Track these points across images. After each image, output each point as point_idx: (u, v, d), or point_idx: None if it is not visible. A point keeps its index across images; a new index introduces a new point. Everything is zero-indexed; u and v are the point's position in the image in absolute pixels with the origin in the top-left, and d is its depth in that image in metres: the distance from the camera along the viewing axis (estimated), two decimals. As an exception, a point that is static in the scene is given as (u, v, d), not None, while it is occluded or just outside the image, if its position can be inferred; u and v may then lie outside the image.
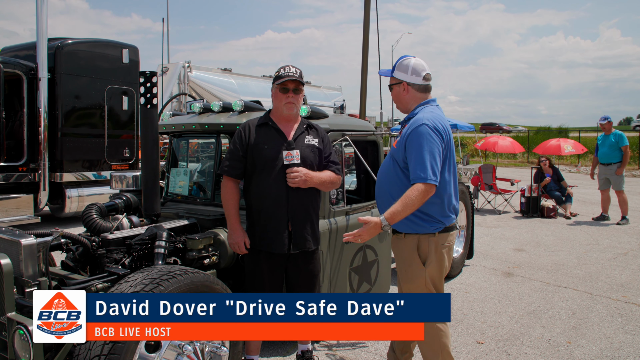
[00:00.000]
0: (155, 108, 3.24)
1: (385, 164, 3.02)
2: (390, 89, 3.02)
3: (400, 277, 2.97)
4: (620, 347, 3.92)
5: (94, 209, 3.52)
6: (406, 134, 2.82)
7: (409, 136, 2.78)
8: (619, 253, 7.03)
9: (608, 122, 9.45)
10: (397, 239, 2.96)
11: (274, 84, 3.09)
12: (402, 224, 2.83)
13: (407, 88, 2.94)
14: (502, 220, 9.82)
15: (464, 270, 5.99)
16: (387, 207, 2.73)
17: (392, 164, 2.92)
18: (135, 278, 2.41)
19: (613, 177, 9.20)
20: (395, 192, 2.81)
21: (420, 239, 2.86)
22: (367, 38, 11.17)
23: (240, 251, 3.08)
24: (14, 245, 2.54)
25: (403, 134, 2.87)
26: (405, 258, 2.90)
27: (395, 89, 2.98)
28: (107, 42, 9.67)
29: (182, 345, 2.43)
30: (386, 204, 2.81)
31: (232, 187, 3.10)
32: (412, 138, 2.76)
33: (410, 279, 2.89)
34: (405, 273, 2.91)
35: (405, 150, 2.80)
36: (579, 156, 24.28)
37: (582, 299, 5.05)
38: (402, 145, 2.83)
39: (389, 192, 2.89)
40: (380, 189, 3.02)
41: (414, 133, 2.75)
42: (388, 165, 2.96)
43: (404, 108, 3.00)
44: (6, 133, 8.23)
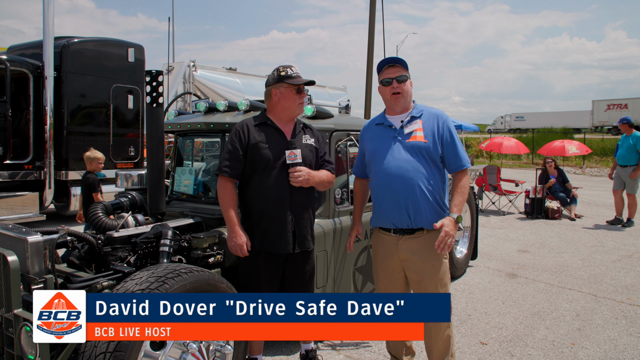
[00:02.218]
0: (160, 107, 3.25)
1: (411, 161, 2.90)
2: (403, 80, 2.96)
3: (425, 274, 2.92)
4: (624, 349, 3.91)
5: (100, 207, 3.54)
6: (439, 126, 2.93)
7: (443, 129, 2.94)
8: (624, 255, 7.00)
9: (622, 124, 9.25)
10: (414, 238, 2.94)
11: (283, 83, 3.04)
12: (431, 221, 2.87)
13: (411, 84, 3.05)
14: (507, 221, 9.80)
15: (468, 271, 5.98)
16: (416, 203, 2.88)
17: (421, 160, 2.89)
18: (140, 276, 2.42)
19: (628, 180, 9.02)
20: (433, 188, 2.90)
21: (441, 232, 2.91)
22: (372, 38, 11.16)
23: (241, 254, 3.00)
24: (21, 242, 2.56)
25: (432, 127, 2.92)
26: (432, 252, 2.88)
27: (408, 82, 3.00)
28: (113, 41, 9.72)
29: (187, 344, 2.44)
30: (417, 201, 2.88)
31: (231, 188, 3.04)
32: (448, 130, 2.95)
33: (439, 272, 2.91)
34: (433, 268, 2.91)
35: (441, 144, 2.92)
36: (584, 157, 24.17)
37: (587, 300, 5.03)
38: (439, 139, 2.92)
39: (422, 189, 2.88)
40: (407, 185, 2.89)
41: (448, 124, 2.96)
42: (417, 162, 2.89)
43: (407, 104, 3.02)
44: (12, 131, 8.28)
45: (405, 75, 2.98)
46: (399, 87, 2.96)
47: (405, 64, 3.01)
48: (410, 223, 2.92)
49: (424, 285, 2.94)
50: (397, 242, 2.99)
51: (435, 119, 2.95)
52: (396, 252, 3.00)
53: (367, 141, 3.13)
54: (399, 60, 3.02)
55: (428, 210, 2.90)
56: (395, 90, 2.96)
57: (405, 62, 3.01)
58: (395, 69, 2.98)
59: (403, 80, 2.96)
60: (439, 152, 2.92)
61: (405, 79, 2.97)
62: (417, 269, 2.95)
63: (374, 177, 3.05)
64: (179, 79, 12.83)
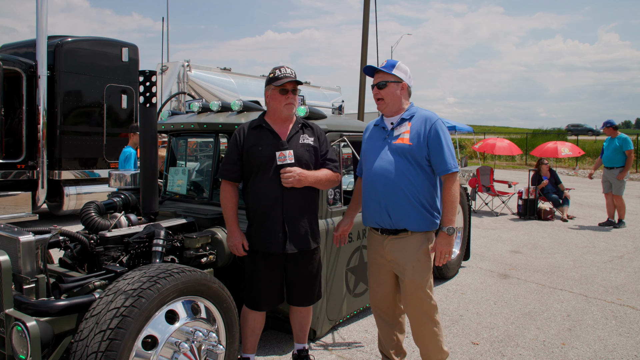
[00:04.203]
0: (154, 107, 3.25)
1: (393, 163, 2.93)
2: (383, 86, 2.99)
3: (406, 274, 2.94)
4: (614, 349, 3.95)
5: (92, 207, 3.54)
6: (426, 129, 2.90)
7: (432, 132, 2.89)
8: (615, 256, 7.06)
9: (606, 128, 9.37)
10: (398, 239, 2.97)
11: (270, 86, 3.08)
12: (417, 223, 2.91)
13: (404, 88, 3.03)
14: (499, 222, 9.85)
15: (460, 272, 6.01)
16: (396, 204, 2.89)
17: (405, 162, 2.90)
18: (132, 276, 2.42)
19: (614, 181, 9.12)
20: (417, 190, 2.90)
21: (427, 235, 2.96)
22: (366, 39, 11.19)
23: (238, 253, 3.11)
24: (13, 242, 2.55)
25: (419, 130, 2.90)
26: (413, 253, 2.93)
27: (392, 87, 2.99)
28: (107, 41, 9.68)
29: (179, 343, 2.44)
30: (398, 202, 2.90)
31: (229, 190, 3.13)
32: (435, 133, 2.89)
33: (420, 273, 2.93)
34: (413, 269, 2.92)
35: (427, 147, 2.89)
36: (577, 159, 24.32)
37: (577, 301, 5.07)
38: (424, 141, 2.89)
39: (403, 190, 2.89)
40: (388, 186, 2.92)
41: (437, 127, 2.90)
42: (400, 164, 2.91)
43: (397, 108, 3.02)
44: (5, 130, 8.25)
45: (385, 81, 2.99)
46: (379, 93, 3.02)
47: (389, 67, 3.00)
48: (391, 223, 2.97)
49: (404, 286, 2.98)
50: (383, 242, 3.05)
51: (424, 122, 2.94)
52: (383, 252, 3.06)
53: (364, 141, 3.20)
54: (371, 70, 3.06)
55: (410, 212, 2.91)
56: (376, 96, 3.04)
57: (389, 67, 3.00)
58: (379, 74, 3.03)
59: (382, 86, 2.99)
60: (424, 155, 2.90)
61: (385, 84, 2.99)
62: (399, 270, 3.00)
63: (363, 177, 3.13)
64: (173, 79, 12.80)
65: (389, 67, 3.00)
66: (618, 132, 9.30)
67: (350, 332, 4.13)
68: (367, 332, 4.12)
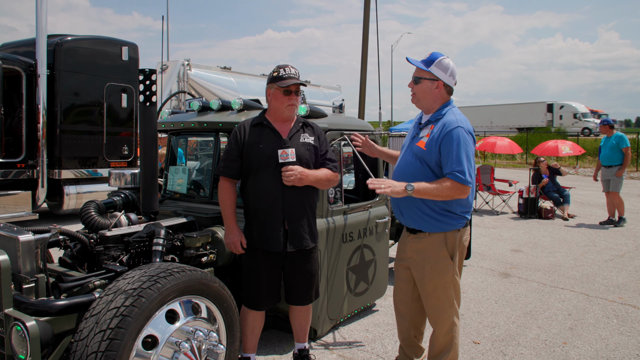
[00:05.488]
0: (154, 106, 3.24)
1: (410, 164, 2.91)
2: (417, 82, 2.94)
3: (425, 274, 2.93)
4: (615, 348, 3.94)
5: (92, 206, 3.53)
6: (440, 135, 2.80)
7: (444, 138, 2.77)
8: (616, 255, 7.05)
9: (603, 126, 9.40)
10: (418, 238, 2.96)
11: (274, 85, 3.06)
12: (429, 224, 2.88)
13: (440, 87, 2.92)
14: (500, 221, 9.83)
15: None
16: (406, 206, 2.91)
17: (419, 166, 2.87)
18: (132, 275, 2.41)
19: (613, 178, 9.13)
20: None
21: (447, 236, 2.91)
22: (366, 38, 11.17)
23: (236, 251, 3.10)
24: (12, 241, 2.54)
25: (435, 136, 2.83)
26: (432, 255, 2.91)
27: (426, 84, 2.91)
28: (107, 40, 9.67)
29: (179, 343, 2.43)
30: (407, 204, 2.90)
31: (228, 187, 3.12)
32: (448, 140, 2.77)
33: (439, 274, 2.91)
34: (432, 270, 2.91)
35: (439, 152, 2.80)
36: (577, 157, 24.29)
37: (579, 300, 5.06)
38: (436, 147, 2.80)
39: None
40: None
41: (452, 135, 2.76)
42: (414, 167, 2.89)
43: (428, 106, 2.96)
44: (5, 129, 8.23)
45: (420, 77, 2.92)
46: (413, 88, 2.99)
47: (427, 63, 2.89)
48: (406, 222, 3.00)
49: (424, 285, 2.97)
50: (406, 239, 3.07)
51: (441, 127, 2.82)
52: (405, 248, 3.08)
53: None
54: (413, 62, 2.96)
55: (419, 214, 2.89)
56: (411, 90, 3.01)
57: (427, 62, 2.89)
58: (418, 69, 2.95)
59: (417, 81, 2.95)
60: (437, 160, 2.82)
61: (419, 80, 2.93)
62: (418, 268, 2.99)
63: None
64: (173, 78, 12.79)
65: (428, 63, 2.89)
66: (614, 130, 9.33)
67: (351, 331, 4.12)
68: (368, 332, 4.11)
